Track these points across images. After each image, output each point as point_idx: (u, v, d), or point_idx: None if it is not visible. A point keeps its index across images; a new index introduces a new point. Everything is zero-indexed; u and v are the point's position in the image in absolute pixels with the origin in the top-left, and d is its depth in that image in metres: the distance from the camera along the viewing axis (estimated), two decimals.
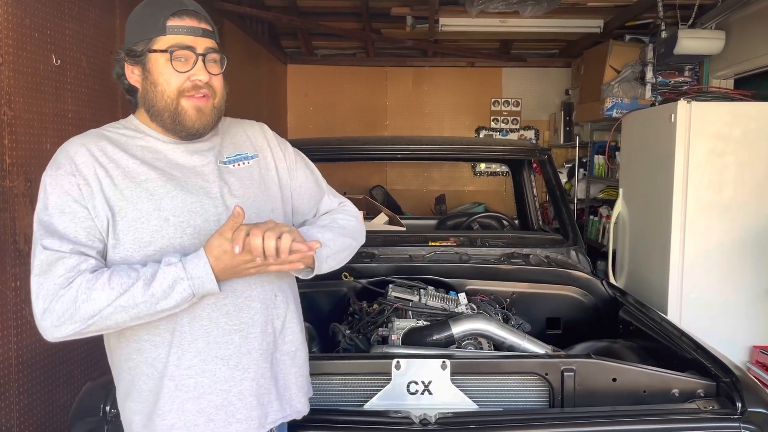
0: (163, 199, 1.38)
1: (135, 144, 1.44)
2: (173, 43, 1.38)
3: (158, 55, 1.38)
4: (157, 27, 1.38)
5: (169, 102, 1.40)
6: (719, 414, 1.61)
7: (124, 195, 1.36)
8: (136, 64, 1.41)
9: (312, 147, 3.43)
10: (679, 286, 3.55)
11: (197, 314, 1.38)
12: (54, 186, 1.35)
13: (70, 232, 1.32)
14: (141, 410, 1.40)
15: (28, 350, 2.48)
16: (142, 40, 1.39)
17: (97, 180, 1.36)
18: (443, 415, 1.59)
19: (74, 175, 1.35)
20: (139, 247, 1.35)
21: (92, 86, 2.98)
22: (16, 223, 2.41)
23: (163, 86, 1.39)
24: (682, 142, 3.49)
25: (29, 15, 2.50)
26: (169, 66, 1.38)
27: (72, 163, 1.36)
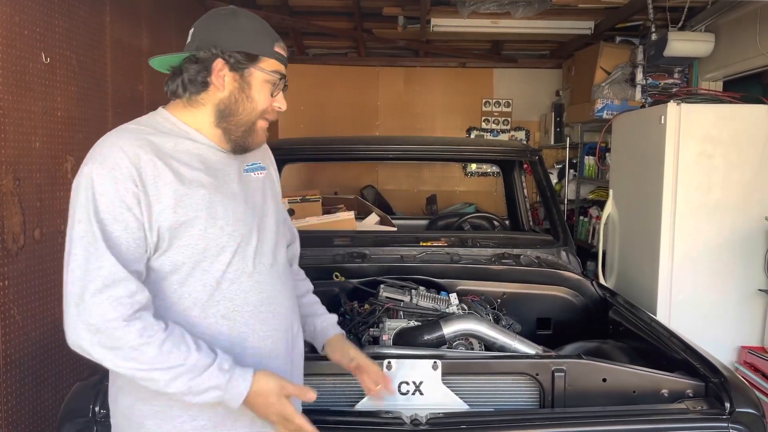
0: (217, 208, 1.39)
1: (184, 149, 1.41)
2: (276, 69, 1.45)
3: (263, 74, 1.42)
4: (266, 47, 1.43)
5: (251, 119, 1.44)
6: (708, 414, 1.62)
7: (185, 203, 1.34)
8: (235, 70, 1.41)
9: (303, 147, 3.43)
10: (668, 286, 3.58)
11: (237, 320, 1.41)
12: (108, 188, 1.28)
13: (122, 245, 1.28)
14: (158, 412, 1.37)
15: (16, 350, 2.46)
16: (249, 53, 1.41)
17: (156, 187, 1.32)
18: (434, 416, 1.59)
19: (133, 181, 1.29)
20: (191, 254, 1.36)
21: (82, 84, 2.96)
22: (5, 222, 2.39)
23: (255, 104, 1.44)
24: (671, 143, 3.51)
25: (18, 12, 2.48)
26: (266, 89, 1.44)
27: (132, 167, 1.30)
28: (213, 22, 1.44)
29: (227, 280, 1.40)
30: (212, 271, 1.38)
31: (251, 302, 1.43)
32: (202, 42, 1.41)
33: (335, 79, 7.24)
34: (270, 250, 1.51)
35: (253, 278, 1.44)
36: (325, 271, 2.56)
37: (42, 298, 2.64)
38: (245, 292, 1.42)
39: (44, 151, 2.66)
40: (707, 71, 4.85)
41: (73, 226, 1.28)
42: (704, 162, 3.51)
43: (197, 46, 1.42)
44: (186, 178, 1.36)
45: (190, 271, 1.36)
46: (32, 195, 2.57)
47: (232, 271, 1.40)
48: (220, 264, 1.39)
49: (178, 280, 1.36)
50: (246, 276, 1.43)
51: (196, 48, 1.41)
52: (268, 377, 1.35)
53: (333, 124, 7.07)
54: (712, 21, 4.61)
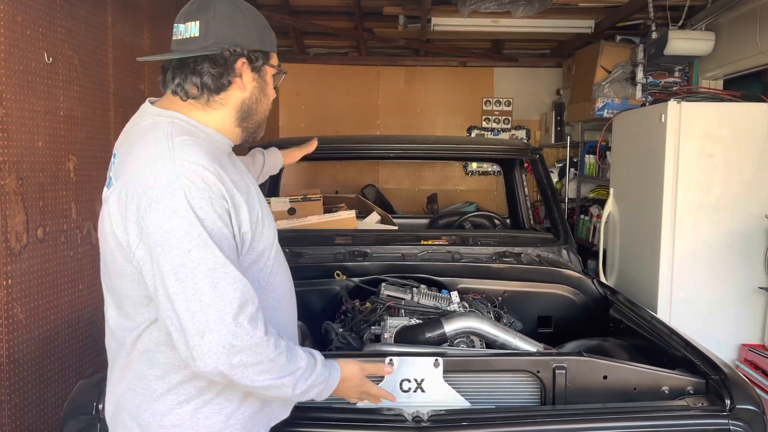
0: (261, 207, 1.43)
1: (225, 154, 1.43)
2: (278, 63, 1.46)
3: (273, 70, 1.44)
4: (273, 42, 1.44)
5: (266, 115, 1.49)
6: (708, 411, 1.63)
7: (250, 210, 1.37)
8: (255, 69, 1.41)
9: None
10: (668, 284, 3.58)
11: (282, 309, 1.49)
12: (207, 210, 1.25)
13: (234, 262, 1.27)
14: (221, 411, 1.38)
15: (19, 348, 2.47)
16: (263, 51, 1.41)
17: (234, 200, 1.32)
18: (436, 413, 1.60)
19: (225, 199, 1.29)
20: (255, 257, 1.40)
21: (84, 84, 2.97)
22: (8, 221, 2.40)
23: (269, 100, 1.47)
24: (672, 142, 3.52)
25: (21, 12, 2.49)
26: (272, 83, 1.47)
27: (220, 184, 1.28)
28: (223, 17, 1.37)
29: (274, 272, 1.46)
30: (266, 268, 1.44)
31: (288, 290, 1.53)
32: (219, 40, 1.35)
33: (336, 79, 7.24)
34: None
35: (283, 267, 1.52)
36: (327, 269, 2.57)
37: (45, 297, 2.65)
38: (283, 282, 1.50)
39: (47, 151, 2.67)
40: (707, 70, 4.86)
41: (182, 256, 1.21)
42: (704, 160, 3.52)
43: (217, 44, 1.35)
44: (239, 184, 1.37)
45: (250, 272, 1.39)
46: (35, 194, 2.58)
47: (274, 264, 1.47)
48: (269, 260, 1.45)
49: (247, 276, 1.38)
50: (281, 266, 1.50)
51: (220, 47, 1.35)
52: (350, 363, 1.48)
53: (334, 123, 7.07)
54: (712, 19, 4.61)
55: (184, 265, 1.21)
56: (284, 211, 3.32)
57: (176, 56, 1.37)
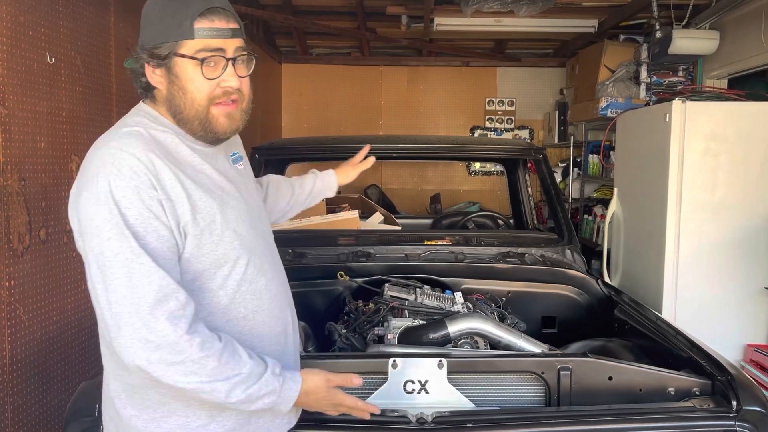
0: (228, 210, 1.37)
1: (181, 148, 1.35)
2: (202, 47, 1.29)
3: (186, 60, 1.30)
4: (183, 29, 1.28)
5: (200, 110, 1.33)
6: (715, 412, 1.61)
7: (201, 209, 1.30)
8: (160, 66, 1.32)
9: (307, 146, 3.43)
10: (673, 284, 3.57)
11: (256, 320, 1.40)
12: (132, 199, 1.21)
13: (160, 256, 1.22)
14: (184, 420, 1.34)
15: (22, 350, 2.47)
16: (167, 42, 1.29)
17: (174, 192, 1.27)
18: (440, 414, 1.59)
19: (155, 189, 1.24)
20: (213, 261, 1.32)
21: (86, 84, 2.96)
22: (10, 222, 2.40)
23: (194, 94, 1.32)
24: (676, 141, 3.50)
25: (23, 12, 2.48)
26: (198, 73, 1.30)
27: (151, 174, 1.24)
28: (142, 18, 1.36)
29: (246, 281, 1.37)
30: (233, 275, 1.35)
31: (266, 300, 1.42)
32: (140, 42, 1.35)
33: (339, 79, 7.25)
34: (268, 243, 1.50)
35: (265, 276, 1.42)
36: (330, 270, 2.56)
37: (48, 298, 2.65)
38: (261, 292, 1.41)
39: (49, 151, 2.66)
40: (712, 69, 4.84)
41: (101, 244, 1.20)
42: (709, 160, 3.50)
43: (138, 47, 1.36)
44: (200, 183, 1.33)
45: (212, 277, 1.33)
46: (38, 195, 2.57)
47: (249, 272, 1.38)
48: (239, 267, 1.36)
49: (199, 287, 1.32)
50: (260, 275, 1.41)
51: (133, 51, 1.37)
52: (314, 375, 1.38)
53: (336, 123, 7.08)
54: (716, 18, 4.60)
55: (103, 253, 1.20)
56: None
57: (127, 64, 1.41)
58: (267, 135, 6.34)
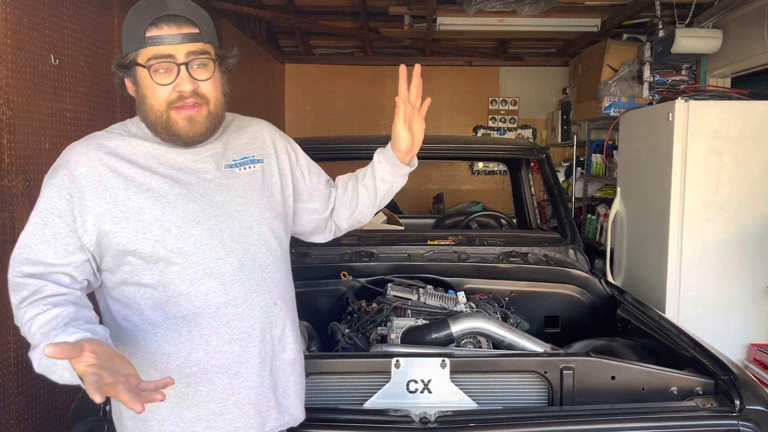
0: (165, 209, 1.35)
1: (140, 150, 1.40)
2: (152, 55, 1.33)
3: (142, 69, 1.35)
4: (137, 39, 1.33)
5: (159, 115, 1.36)
6: (718, 412, 1.61)
7: (126, 206, 1.34)
8: (128, 76, 1.39)
9: (310, 146, 3.42)
10: (677, 284, 3.56)
11: (198, 323, 1.37)
12: (45, 194, 1.36)
13: (47, 250, 1.32)
14: (135, 415, 1.38)
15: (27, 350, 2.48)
16: (130, 52, 1.36)
17: (96, 194, 1.33)
18: (443, 414, 1.59)
19: (66, 187, 1.34)
20: (146, 257, 1.34)
21: (90, 86, 2.98)
22: (15, 223, 2.41)
23: (151, 100, 1.36)
24: (679, 140, 3.50)
25: (27, 14, 2.49)
26: (151, 80, 1.34)
27: (69, 173, 1.35)
28: None
29: (186, 281, 1.35)
30: (168, 273, 1.35)
31: (213, 304, 1.37)
32: None
33: (342, 79, 7.25)
34: (240, 250, 1.41)
35: (216, 279, 1.37)
36: (333, 270, 2.56)
37: None
38: (206, 294, 1.36)
39: (53, 152, 2.66)
40: (715, 68, 4.83)
41: None
42: (712, 159, 3.50)
43: None
44: (133, 180, 1.35)
45: (145, 275, 1.34)
46: None
47: (190, 272, 1.35)
48: (175, 266, 1.35)
49: (137, 281, 1.35)
50: (208, 277, 1.37)
51: None
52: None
53: (339, 123, 7.08)
54: (719, 17, 4.59)
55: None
56: None
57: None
58: None
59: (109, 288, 1.39)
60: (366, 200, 1.71)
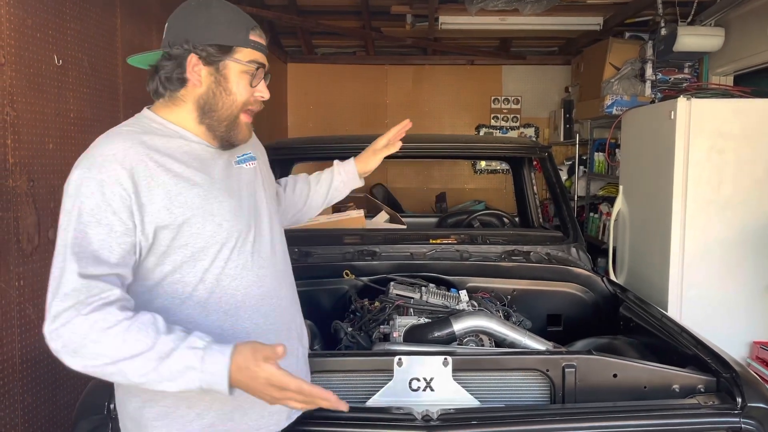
0: (213, 204, 1.38)
1: (175, 146, 1.39)
2: (253, 58, 1.41)
3: (239, 65, 1.39)
4: (240, 37, 1.39)
5: (233, 113, 1.42)
6: (720, 409, 1.62)
7: (180, 202, 1.33)
8: (210, 64, 1.38)
9: (312, 146, 3.44)
10: (679, 282, 3.56)
11: (240, 316, 1.40)
12: (94, 191, 1.26)
13: (104, 250, 1.24)
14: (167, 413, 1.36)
15: (32, 348, 2.50)
16: (223, 45, 1.37)
17: (149, 189, 1.30)
18: (445, 412, 1.60)
19: (120, 184, 1.27)
20: (191, 253, 1.34)
21: (94, 86, 2.99)
22: (20, 223, 2.42)
23: (235, 96, 1.40)
24: (681, 139, 3.50)
25: (31, 15, 2.51)
26: (245, 80, 1.40)
27: (121, 169, 1.28)
28: (185, 16, 1.40)
29: (228, 276, 1.39)
30: (212, 268, 1.37)
31: (253, 297, 1.42)
32: (174, 37, 1.38)
33: (344, 78, 7.26)
34: (267, 242, 1.50)
35: (254, 272, 1.43)
36: (336, 269, 2.57)
37: None
38: (246, 287, 1.41)
39: (57, 153, 2.69)
40: (718, 66, 4.82)
41: (59, 234, 1.26)
42: (715, 157, 3.50)
43: (170, 42, 1.39)
44: (180, 176, 1.35)
45: (191, 270, 1.35)
46: (46, 196, 2.60)
47: (231, 266, 1.39)
48: (220, 261, 1.37)
49: (179, 279, 1.34)
50: (246, 270, 1.41)
51: (169, 44, 1.38)
52: (244, 345, 1.22)
53: (342, 122, 7.09)
54: (721, 15, 4.58)
55: (57, 242, 1.27)
56: None
57: (135, 56, 1.45)
58: (273, 134, 6.35)
59: (153, 285, 1.35)
60: (315, 204, 1.92)
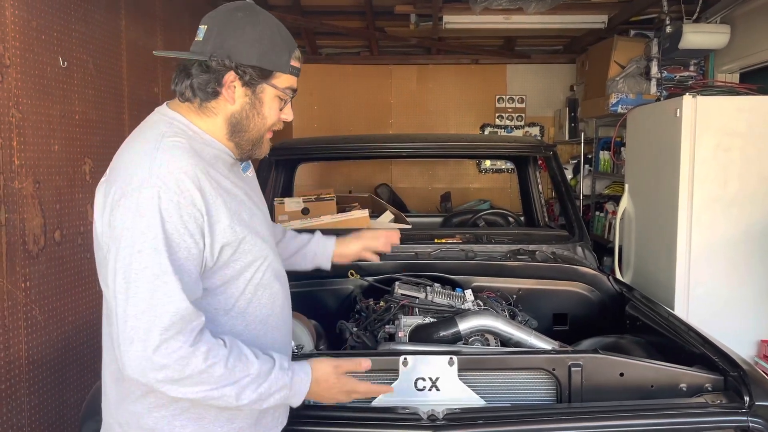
0: (254, 219, 1.43)
1: (215, 158, 1.39)
2: (289, 85, 1.41)
3: (275, 91, 1.39)
4: (283, 62, 1.38)
5: (260, 133, 1.43)
6: (727, 408, 1.61)
7: (239, 219, 1.36)
8: (248, 85, 1.36)
9: (317, 146, 3.44)
10: (685, 280, 3.55)
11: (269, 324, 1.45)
12: (172, 214, 1.23)
13: (185, 273, 1.25)
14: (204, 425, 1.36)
15: (38, 350, 2.50)
16: (264, 69, 1.36)
17: (216, 207, 1.31)
18: (451, 411, 1.59)
19: (196, 206, 1.26)
20: (241, 267, 1.37)
21: (99, 88, 3.00)
22: (26, 224, 2.43)
23: (266, 120, 1.42)
24: (687, 136, 3.48)
25: (36, 17, 2.51)
26: (277, 103, 1.42)
27: (196, 191, 1.27)
28: (231, 28, 1.35)
29: (262, 286, 1.43)
30: (254, 280, 1.41)
31: (278, 305, 1.48)
32: (215, 48, 1.33)
33: (348, 78, 7.25)
34: (275, 250, 1.54)
35: (279, 280, 1.49)
36: (340, 269, 2.56)
37: (63, 299, 2.68)
38: (274, 296, 1.46)
39: (63, 154, 2.70)
40: (723, 63, 4.80)
41: (131, 256, 1.21)
42: (721, 155, 3.48)
43: (210, 52, 1.33)
44: (231, 192, 1.38)
45: (236, 282, 1.38)
46: (52, 197, 2.60)
47: (267, 277, 1.44)
48: (260, 273, 1.42)
49: (224, 291, 1.37)
50: (273, 279, 1.46)
51: (210, 55, 1.33)
52: (322, 363, 1.42)
53: (346, 122, 7.09)
54: (727, 12, 4.56)
55: (131, 265, 1.21)
56: (298, 211, 3.33)
57: (172, 54, 1.42)
58: (277, 135, 6.29)
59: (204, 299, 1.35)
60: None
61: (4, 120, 2.33)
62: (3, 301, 2.32)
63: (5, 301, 2.33)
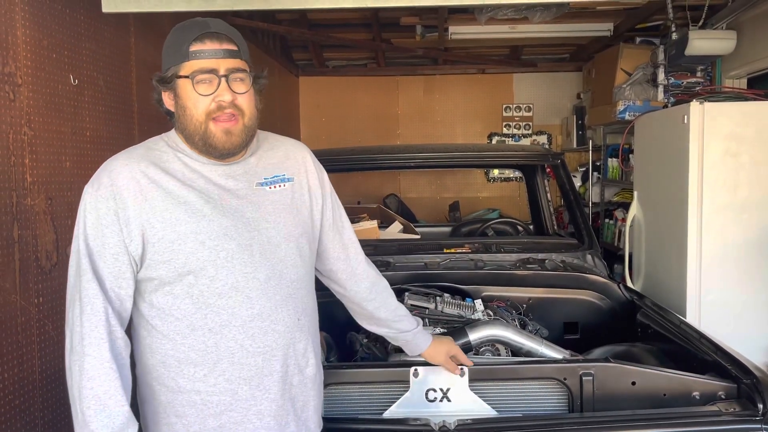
0: (200, 222, 1.40)
1: (176, 163, 1.46)
2: (196, 68, 1.40)
3: (184, 80, 1.41)
4: (180, 53, 1.41)
5: (198, 125, 1.42)
6: (741, 416, 1.60)
7: (164, 218, 1.39)
8: (168, 90, 1.45)
9: (325, 158, 3.45)
10: (697, 287, 3.52)
11: (224, 335, 1.41)
12: (92, 208, 1.40)
13: (101, 265, 1.38)
14: (158, 420, 1.44)
15: (52, 365, 2.52)
16: (171, 66, 1.43)
17: (137, 204, 1.39)
18: (462, 422, 1.60)
19: (113, 199, 1.39)
20: (175, 268, 1.39)
21: (109, 104, 3.03)
22: (38, 240, 2.46)
23: (191, 110, 1.42)
24: (695, 143, 3.47)
25: (47, 36, 2.55)
26: (193, 90, 1.41)
27: (113, 185, 1.40)
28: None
29: (214, 294, 1.40)
30: (198, 285, 1.39)
31: (240, 317, 1.42)
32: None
33: (355, 90, 7.29)
34: (267, 265, 1.45)
35: (243, 293, 1.42)
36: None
37: None
38: (233, 308, 1.41)
39: (74, 171, 2.72)
40: (730, 69, 4.79)
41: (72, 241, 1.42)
42: (729, 160, 3.47)
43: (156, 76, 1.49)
44: (171, 193, 1.40)
45: (176, 285, 1.40)
46: (64, 213, 2.63)
47: (219, 285, 1.40)
48: (205, 278, 1.39)
49: (166, 293, 1.40)
50: (235, 291, 1.41)
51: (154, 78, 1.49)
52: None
53: (354, 134, 7.12)
54: (733, 18, 4.56)
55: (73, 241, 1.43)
56: None
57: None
58: None
59: (143, 295, 1.44)
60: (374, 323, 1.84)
61: (17, 138, 2.36)
62: (16, 317, 2.34)
63: (19, 317, 2.35)
